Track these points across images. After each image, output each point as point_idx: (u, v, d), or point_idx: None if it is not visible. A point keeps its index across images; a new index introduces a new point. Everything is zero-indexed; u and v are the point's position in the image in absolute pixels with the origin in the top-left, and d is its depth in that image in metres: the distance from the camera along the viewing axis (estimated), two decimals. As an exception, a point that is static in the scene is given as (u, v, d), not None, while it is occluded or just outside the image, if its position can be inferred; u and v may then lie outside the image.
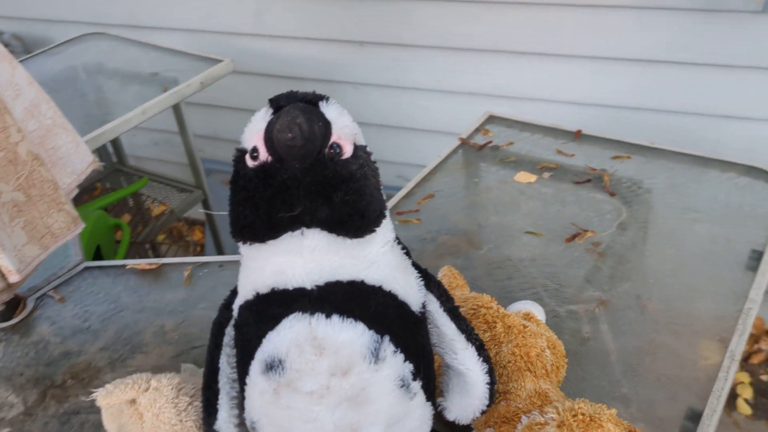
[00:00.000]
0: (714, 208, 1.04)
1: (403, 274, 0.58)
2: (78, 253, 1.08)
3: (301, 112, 0.50)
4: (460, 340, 0.61)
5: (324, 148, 0.52)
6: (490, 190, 1.14)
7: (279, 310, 0.54)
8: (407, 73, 2.06)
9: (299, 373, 0.53)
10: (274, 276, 0.54)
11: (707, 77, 1.70)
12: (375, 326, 0.55)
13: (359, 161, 0.53)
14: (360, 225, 0.53)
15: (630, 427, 0.58)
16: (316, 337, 0.53)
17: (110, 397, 0.65)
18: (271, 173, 0.51)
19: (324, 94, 0.55)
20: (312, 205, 0.51)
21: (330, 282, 0.54)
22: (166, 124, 2.55)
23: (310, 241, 0.53)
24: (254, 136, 0.53)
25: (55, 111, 0.97)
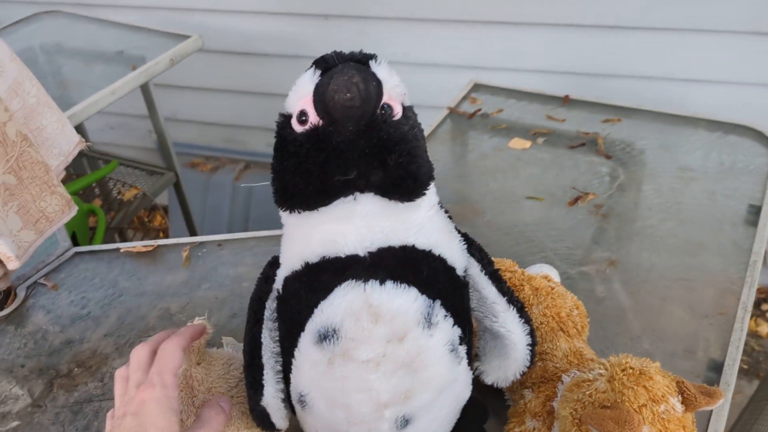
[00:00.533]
0: (708, 165, 1.06)
1: (448, 238, 0.57)
2: (65, 239, 1.04)
3: (356, 71, 0.48)
4: (501, 302, 0.60)
5: (378, 108, 0.50)
6: (485, 158, 1.13)
7: (331, 279, 0.52)
8: (374, 46, 2.03)
9: (355, 342, 0.52)
10: (324, 244, 0.53)
11: (671, 42, 1.73)
12: (427, 291, 0.54)
13: (410, 122, 0.52)
14: (413, 188, 0.51)
15: (677, 378, 0.59)
16: (372, 305, 0.51)
17: None
18: (324, 137, 0.49)
19: (371, 54, 0.53)
20: (366, 168, 0.50)
21: (382, 248, 0.52)
22: (122, 107, 2.47)
23: (362, 206, 0.51)
24: (302, 100, 0.51)
25: (39, 89, 0.92)
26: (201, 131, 2.50)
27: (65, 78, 1.57)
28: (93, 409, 0.78)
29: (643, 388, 0.56)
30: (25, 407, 0.79)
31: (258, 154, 2.46)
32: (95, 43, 1.69)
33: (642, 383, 0.57)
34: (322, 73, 0.50)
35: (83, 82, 1.52)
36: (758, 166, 1.05)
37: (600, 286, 0.88)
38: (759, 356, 1.92)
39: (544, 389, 0.67)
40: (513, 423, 0.68)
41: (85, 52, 1.65)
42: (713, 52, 1.70)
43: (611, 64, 1.81)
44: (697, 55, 1.72)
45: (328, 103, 0.48)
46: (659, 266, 0.91)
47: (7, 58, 0.87)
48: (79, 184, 1.60)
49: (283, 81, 2.30)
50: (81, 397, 0.80)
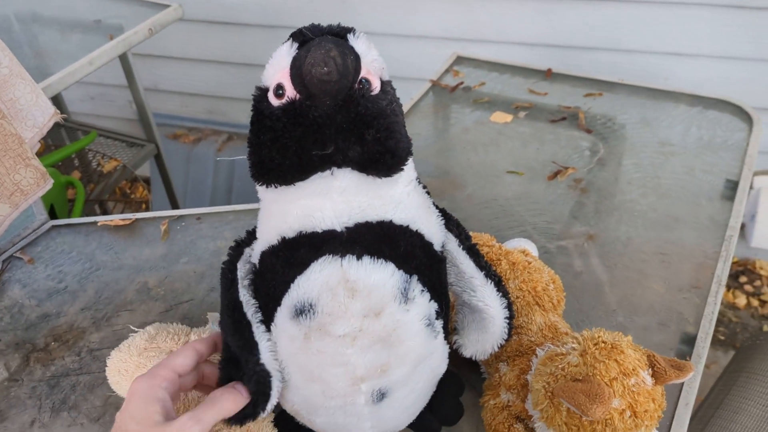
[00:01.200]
0: (687, 140, 1.07)
1: (426, 214, 0.57)
2: (42, 212, 1.02)
3: (334, 45, 0.47)
4: (479, 276, 0.60)
5: (355, 82, 0.49)
6: (467, 131, 1.13)
7: (308, 254, 0.52)
8: (356, 16, 2.01)
9: (332, 317, 0.52)
10: (301, 219, 0.52)
11: (653, 15, 1.72)
12: (404, 266, 0.54)
13: (388, 96, 0.51)
14: (391, 163, 0.51)
15: (648, 351, 0.60)
16: (349, 280, 0.51)
17: (152, 342, 0.62)
18: (302, 111, 0.48)
19: (349, 28, 0.51)
20: (344, 143, 0.49)
21: (359, 223, 0.52)
22: (102, 77, 2.44)
23: (340, 181, 0.51)
24: (278, 73, 0.50)
25: (12, 59, 0.90)
26: (183, 102, 2.47)
27: (41, 48, 1.54)
28: (70, 383, 0.78)
29: (615, 361, 0.57)
30: (2, 381, 0.79)
31: (241, 126, 2.43)
32: (72, 11, 1.65)
33: (613, 357, 0.58)
34: (300, 46, 0.49)
35: (60, 52, 1.49)
36: (737, 141, 1.05)
37: (578, 260, 0.89)
38: (736, 327, 1.95)
39: (519, 362, 0.67)
40: (488, 395, 0.68)
41: (62, 20, 1.62)
42: (695, 26, 1.70)
43: (594, 37, 1.80)
44: (680, 29, 1.72)
45: (305, 76, 0.47)
46: (636, 240, 0.91)
47: (-22, 27, 0.85)
48: (57, 156, 1.58)
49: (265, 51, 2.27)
50: (58, 371, 0.80)
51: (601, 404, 0.53)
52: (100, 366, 0.80)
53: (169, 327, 0.70)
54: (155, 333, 0.68)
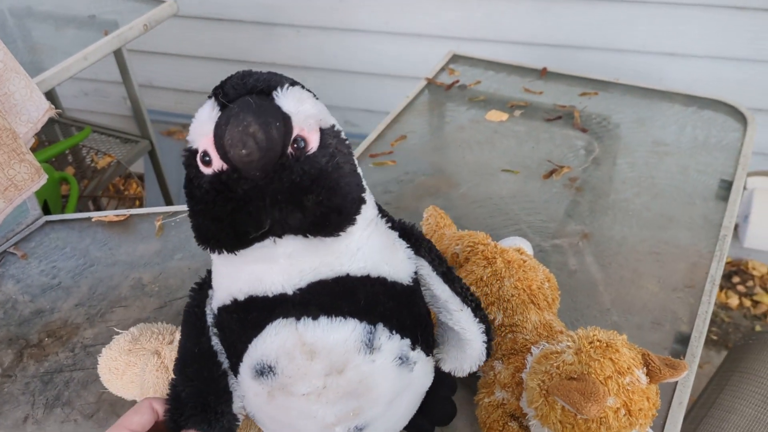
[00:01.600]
0: (682, 140, 1.07)
1: (390, 252, 0.54)
2: (36, 207, 1.02)
3: (253, 116, 0.42)
4: (455, 302, 0.58)
5: (286, 148, 0.45)
6: (462, 130, 1.13)
7: (261, 317, 0.50)
8: (352, 14, 2.01)
9: (292, 379, 0.50)
10: (250, 283, 0.49)
11: (648, 15, 1.73)
12: (367, 317, 0.51)
13: (328, 151, 0.46)
14: (338, 222, 0.47)
15: (642, 350, 0.60)
16: (306, 343, 0.49)
17: (136, 343, 0.62)
18: (229, 185, 0.45)
19: (277, 79, 0.47)
20: (281, 214, 0.45)
21: (313, 283, 0.49)
22: (96, 73, 2.42)
23: (284, 248, 0.47)
24: (202, 138, 0.46)
25: (6, 53, 0.89)
26: (178, 99, 2.46)
27: (36, 42, 1.53)
28: (63, 379, 0.78)
29: (610, 360, 0.57)
30: (-5, 377, 0.78)
31: (235, 123, 2.43)
32: (66, 6, 1.64)
33: (608, 356, 0.58)
34: (221, 109, 0.45)
35: (54, 47, 1.48)
36: (731, 141, 1.06)
37: (572, 259, 0.89)
38: (728, 327, 1.96)
39: (514, 361, 0.67)
40: (482, 393, 0.68)
41: (56, 15, 1.61)
42: (689, 26, 1.70)
43: (589, 36, 1.81)
44: (674, 29, 1.73)
45: (227, 154, 0.43)
46: (631, 240, 0.91)
47: (-28, 21, 0.84)
48: (51, 152, 1.58)
49: (260, 49, 2.27)
50: (51, 367, 0.79)
51: (596, 402, 0.53)
52: (93, 362, 0.79)
53: (153, 327, 0.70)
54: (139, 334, 0.68)
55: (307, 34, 2.10)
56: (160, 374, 0.62)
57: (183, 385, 0.53)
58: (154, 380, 0.63)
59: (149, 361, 0.62)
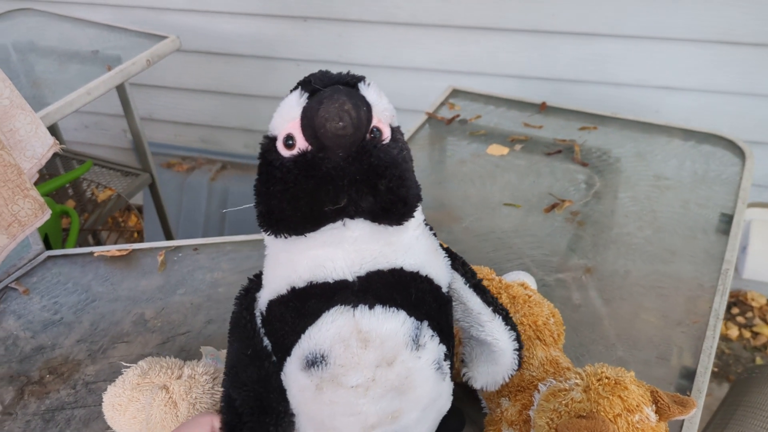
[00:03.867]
0: (682, 174, 1.08)
1: (434, 257, 0.57)
2: (38, 242, 1.02)
3: (347, 97, 0.46)
4: (487, 312, 0.60)
5: (366, 134, 0.49)
6: (464, 164, 1.14)
7: (319, 305, 0.52)
8: (352, 49, 2.03)
9: (344, 368, 0.52)
10: (311, 269, 0.52)
11: (645, 50, 1.75)
12: (415, 313, 0.53)
13: (399, 144, 0.51)
14: (403, 211, 0.51)
15: (651, 387, 0.60)
16: (361, 330, 0.51)
17: (145, 377, 0.62)
18: (314, 163, 0.48)
19: (361, 75, 0.51)
20: (357, 194, 0.49)
21: (371, 272, 0.52)
22: (97, 106, 2.44)
23: (352, 231, 0.50)
24: (288, 123, 0.49)
25: (12, 90, 0.90)
26: (177, 131, 2.48)
27: (39, 77, 1.54)
28: (65, 417, 0.77)
29: (618, 398, 0.57)
30: (-5, 415, 0.78)
31: (235, 155, 2.44)
32: (70, 42, 1.66)
33: (617, 393, 0.57)
34: (309, 96, 0.49)
35: (58, 82, 1.50)
36: (730, 176, 1.06)
37: (576, 294, 0.89)
38: (729, 359, 1.95)
39: (521, 398, 0.67)
40: (490, 431, 0.68)
41: (60, 51, 1.63)
42: (686, 61, 1.73)
43: (585, 70, 1.83)
44: (671, 63, 1.75)
45: (318, 129, 0.47)
46: (634, 273, 0.92)
47: (-20, 58, 0.85)
48: (52, 185, 1.58)
49: (260, 82, 2.29)
50: (53, 405, 0.79)
51: (606, 441, 0.53)
52: (95, 399, 0.79)
53: (161, 361, 0.70)
54: (148, 368, 0.68)
55: (308, 68, 2.11)
56: (168, 409, 0.62)
57: (237, 392, 0.54)
58: (161, 416, 0.63)
59: (157, 396, 0.62)
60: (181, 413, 0.61)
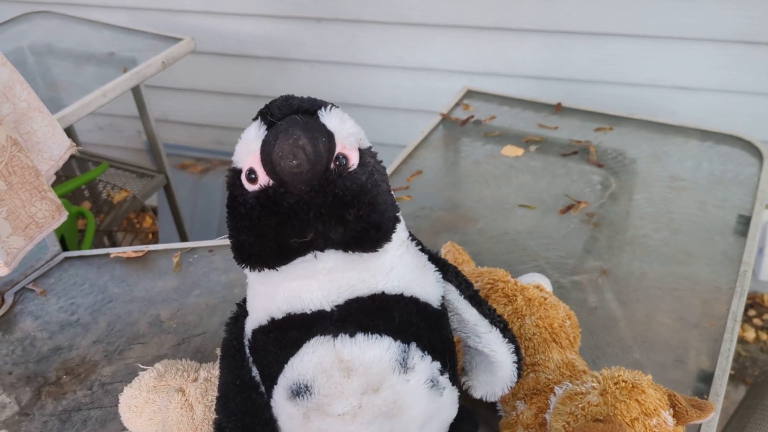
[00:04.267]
0: (699, 175, 1.07)
1: (421, 274, 0.56)
2: (55, 243, 1.03)
3: (302, 131, 0.45)
4: (483, 324, 0.59)
5: (330, 164, 0.47)
6: (478, 165, 1.14)
7: (298, 335, 0.51)
8: (366, 50, 2.04)
9: (329, 398, 0.51)
10: (288, 300, 0.51)
11: (660, 50, 1.74)
12: (401, 336, 0.52)
13: (368, 169, 0.49)
14: (377, 238, 0.49)
15: (669, 391, 0.59)
16: (343, 360, 0.50)
17: (161, 380, 0.62)
18: (276, 199, 0.47)
19: (321, 101, 0.50)
20: (324, 227, 0.48)
21: (350, 299, 0.51)
22: (112, 108, 2.46)
23: (324, 263, 0.49)
24: (249, 157, 0.48)
25: (30, 93, 0.91)
26: (192, 133, 2.49)
27: (55, 79, 1.56)
28: (81, 417, 0.77)
29: (636, 401, 0.56)
30: (13, 415, 0.78)
31: (248, 157, 2.45)
32: (86, 44, 1.67)
33: (634, 397, 0.57)
34: (268, 127, 0.47)
35: (74, 84, 1.51)
36: (748, 177, 1.05)
37: (592, 296, 0.88)
38: (745, 362, 1.93)
39: (537, 401, 0.67)
40: (505, 434, 0.68)
41: (76, 53, 1.64)
42: (702, 60, 1.71)
43: (600, 70, 1.82)
44: (685, 63, 1.73)
45: (275, 167, 0.46)
46: (650, 276, 0.91)
47: (-2, 61, 0.86)
48: (68, 187, 1.59)
49: (274, 83, 2.30)
50: (69, 406, 0.79)
51: (624, 445, 0.53)
52: (111, 400, 0.79)
53: (178, 363, 0.70)
54: (164, 370, 0.68)
55: (321, 69, 2.12)
56: (184, 412, 0.62)
57: (227, 421, 0.54)
58: (177, 418, 0.63)
59: (173, 398, 0.62)
60: (196, 416, 0.61)
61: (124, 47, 1.63)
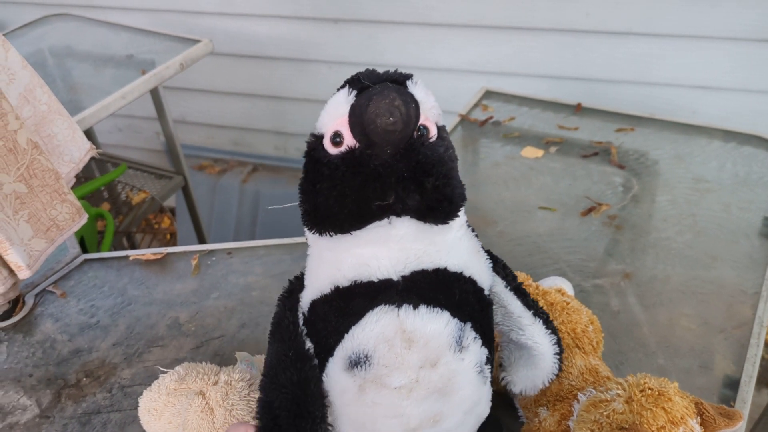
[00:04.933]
0: (723, 177, 1.05)
1: (477, 258, 0.56)
2: (74, 245, 1.03)
3: (397, 93, 0.46)
4: (527, 316, 0.59)
5: (416, 130, 0.48)
6: (498, 166, 1.12)
7: (363, 304, 0.51)
8: (384, 50, 2.03)
9: (388, 369, 0.51)
10: (356, 268, 0.51)
11: (680, 49, 1.72)
12: (458, 314, 0.53)
13: (445, 143, 0.50)
14: (449, 210, 0.50)
15: (696, 399, 0.58)
16: (406, 330, 0.51)
17: (182, 383, 0.62)
18: (362, 160, 0.47)
19: (409, 73, 0.51)
20: (404, 192, 0.48)
21: (415, 271, 0.51)
22: (131, 109, 2.47)
23: (398, 230, 0.50)
24: (336, 121, 0.49)
25: (50, 96, 0.91)
26: (209, 134, 2.50)
27: (75, 82, 1.57)
28: (101, 420, 0.77)
29: (662, 409, 0.55)
30: (33, 418, 0.78)
31: (266, 157, 2.45)
32: (105, 46, 1.68)
33: (661, 405, 0.56)
34: (357, 94, 0.48)
35: (93, 86, 1.52)
36: (774, 178, 1.04)
37: (614, 300, 0.87)
38: (769, 365, 1.90)
39: (560, 407, 0.66)
40: (527, 441, 0.67)
41: (95, 55, 1.65)
42: (723, 59, 1.69)
43: (619, 70, 1.80)
44: (705, 62, 1.71)
45: (367, 125, 0.46)
46: (674, 279, 0.89)
47: (19, 65, 0.86)
48: (87, 188, 1.60)
49: (291, 85, 2.30)
50: (89, 408, 0.79)
51: (651, 455, 0.52)
52: (131, 403, 0.79)
53: (198, 367, 0.70)
54: (185, 373, 0.68)
55: (339, 70, 2.12)
56: (205, 416, 0.62)
57: (275, 394, 0.53)
58: (197, 422, 0.63)
59: (193, 402, 0.62)
60: (217, 420, 0.61)
61: (142, 49, 1.64)
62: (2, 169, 0.79)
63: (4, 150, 0.79)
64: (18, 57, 0.86)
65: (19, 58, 0.86)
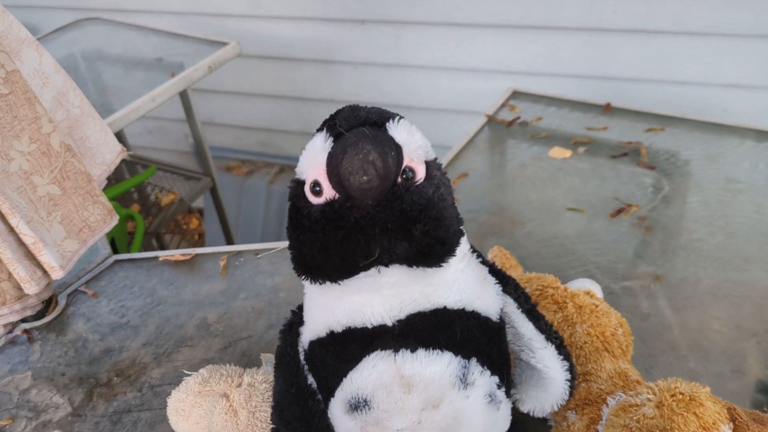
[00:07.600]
0: (756, 177, 1.03)
1: (482, 287, 0.54)
2: (105, 246, 1.05)
3: (372, 145, 0.43)
4: (539, 339, 0.57)
5: (398, 178, 0.46)
6: (525, 167, 1.12)
7: (358, 349, 0.50)
8: (409, 51, 2.03)
9: (388, 413, 0.50)
10: (349, 314, 0.50)
11: (710, 47, 1.69)
12: (462, 351, 0.51)
13: (434, 182, 0.48)
14: (442, 253, 0.48)
15: (728, 404, 0.57)
16: (404, 375, 0.49)
17: (206, 385, 0.63)
18: (342, 213, 0.46)
19: (389, 112, 0.48)
20: (389, 242, 0.46)
21: (412, 314, 0.50)
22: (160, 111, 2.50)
23: (388, 278, 0.48)
24: (314, 169, 0.47)
25: (83, 99, 0.93)
26: (237, 135, 2.52)
27: (105, 85, 1.59)
28: (132, 419, 0.79)
29: (694, 414, 0.54)
30: (66, 416, 0.80)
31: (293, 158, 2.47)
32: (135, 50, 1.71)
33: (692, 410, 0.55)
34: (335, 139, 0.46)
35: (123, 89, 1.54)
36: (809, 178, 1.01)
37: (644, 302, 0.86)
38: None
39: (588, 412, 0.65)
40: (555, 445, 0.66)
41: (125, 58, 1.68)
42: (754, 57, 1.66)
43: (648, 69, 1.78)
44: (736, 60, 1.68)
45: (343, 181, 0.45)
46: (705, 282, 0.88)
47: (52, 69, 0.88)
48: (118, 190, 1.63)
49: (318, 86, 2.31)
50: (120, 407, 0.80)
51: (682, 461, 0.51)
52: (160, 402, 0.80)
53: (222, 369, 0.70)
54: (209, 376, 0.69)
55: (365, 71, 2.12)
56: (229, 417, 0.62)
57: (283, 428, 0.53)
58: (222, 423, 0.63)
59: (217, 404, 0.62)
60: (241, 421, 0.61)
61: (171, 52, 1.66)
62: (36, 171, 0.81)
63: (38, 153, 0.81)
64: (51, 61, 0.87)
65: (53, 62, 0.88)
